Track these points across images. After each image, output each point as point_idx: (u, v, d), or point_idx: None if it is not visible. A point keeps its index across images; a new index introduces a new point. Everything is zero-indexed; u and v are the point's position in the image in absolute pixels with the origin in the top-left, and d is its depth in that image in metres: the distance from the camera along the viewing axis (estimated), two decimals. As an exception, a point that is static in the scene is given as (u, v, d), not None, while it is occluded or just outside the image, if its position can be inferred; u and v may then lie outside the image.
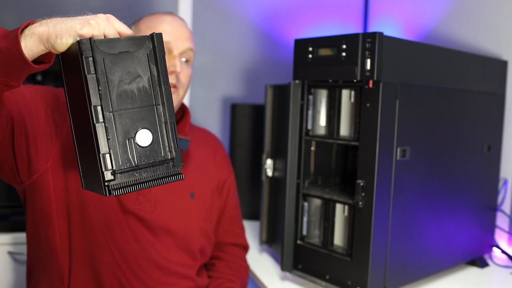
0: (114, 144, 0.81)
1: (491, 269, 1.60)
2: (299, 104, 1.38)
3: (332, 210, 1.34)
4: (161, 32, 1.14)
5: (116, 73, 0.83)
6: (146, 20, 1.35)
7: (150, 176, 0.85)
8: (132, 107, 0.84)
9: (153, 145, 0.85)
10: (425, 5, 2.14)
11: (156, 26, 1.30)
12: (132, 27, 1.34)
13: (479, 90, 1.53)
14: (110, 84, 0.82)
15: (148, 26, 1.31)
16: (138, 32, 1.32)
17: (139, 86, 0.85)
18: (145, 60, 0.87)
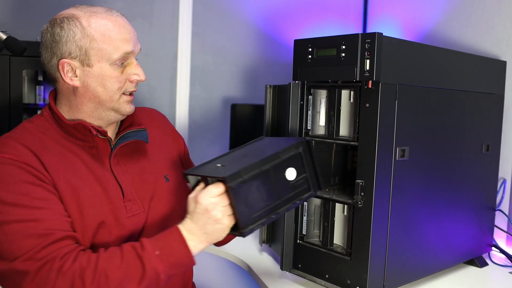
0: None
1: (490, 268, 1.61)
2: (299, 104, 1.38)
3: (331, 209, 1.34)
4: (120, 39, 1.15)
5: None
6: (92, 23, 1.15)
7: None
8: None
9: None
10: (424, 6, 2.15)
11: (114, 33, 1.15)
12: (75, 31, 1.14)
13: (478, 91, 1.53)
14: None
15: (104, 33, 1.14)
16: (92, 41, 1.13)
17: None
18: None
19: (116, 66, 1.16)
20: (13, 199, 1.04)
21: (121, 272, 1.02)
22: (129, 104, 1.22)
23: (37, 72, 2.04)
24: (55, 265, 1.00)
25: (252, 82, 2.56)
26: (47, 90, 2.08)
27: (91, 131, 1.17)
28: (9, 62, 1.89)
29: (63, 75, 1.16)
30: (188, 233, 1.08)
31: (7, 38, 1.32)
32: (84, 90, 1.17)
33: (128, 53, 1.17)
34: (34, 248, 1.01)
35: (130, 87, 1.20)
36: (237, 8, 2.50)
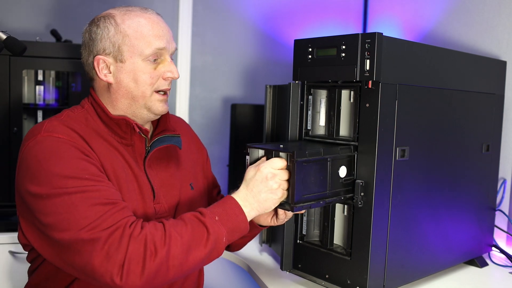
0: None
1: (490, 268, 1.61)
2: (299, 104, 1.38)
3: (331, 209, 1.34)
4: (153, 35, 1.18)
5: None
6: (126, 20, 1.19)
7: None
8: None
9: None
10: (424, 6, 2.15)
11: (147, 29, 1.18)
12: (110, 28, 1.18)
13: (478, 91, 1.53)
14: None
15: (136, 30, 1.18)
16: (125, 37, 1.17)
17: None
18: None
19: (149, 62, 1.19)
20: (71, 172, 1.05)
21: (188, 236, 1.06)
22: (161, 103, 1.23)
23: (37, 72, 2.04)
24: (126, 231, 1.01)
25: (252, 82, 2.56)
26: (47, 90, 2.08)
27: (134, 128, 1.20)
28: (9, 62, 1.89)
29: (98, 71, 1.20)
30: (242, 200, 1.14)
31: (7, 38, 1.32)
32: (117, 86, 1.20)
33: (160, 49, 1.19)
34: (101, 217, 1.02)
35: (162, 85, 1.22)
36: (237, 8, 2.50)
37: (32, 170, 1.06)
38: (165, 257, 1.01)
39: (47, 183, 1.04)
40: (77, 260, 1.01)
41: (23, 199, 1.10)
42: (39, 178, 1.05)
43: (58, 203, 1.02)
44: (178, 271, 1.04)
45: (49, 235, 1.04)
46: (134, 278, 0.99)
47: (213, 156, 2.48)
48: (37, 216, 1.05)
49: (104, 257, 0.99)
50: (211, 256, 1.09)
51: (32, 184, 1.05)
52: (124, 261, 0.99)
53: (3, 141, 1.90)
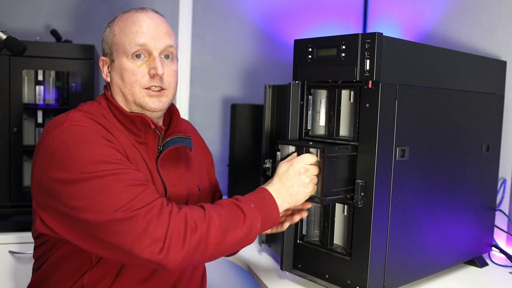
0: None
1: (490, 268, 1.61)
2: (299, 104, 1.38)
3: (331, 209, 1.34)
4: (135, 31, 1.20)
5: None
6: (119, 21, 1.24)
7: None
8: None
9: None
10: (424, 6, 2.15)
11: (130, 27, 1.21)
12: (107, 30, 1.26)
13: (478, 91, 1.53)
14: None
15: (122, 29, 1.22)
16: (113, 36, 1.23)
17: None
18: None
19: (133, 60, 1.21)
20: (101, 157, 1.07)
21: (226, 217, 1.09)
22: (151, 98, 1.22)
23: (37, 72, 2.04)
24: (164, 208, 1.04)
25: (252, 82, 2.56)
26: (47, 90, 2.08)
27: (149, 125, 1.22)
28: (9, 62, 1.89)
29: (102, 71, 1.28)
30: (275, 193, 1.19)
31: (7, 38, 1.32)
32: (112, 85, 1.25)
33: (141, 45, 1.20)
34: (136, 197, 1.04)
35: (148, 82, 1.22)
36: (237, 8, 2.50)
37: (60, 157, 1.07)
38: (204, 234, 1.04)
39: (78, 168, 1.05)
40: (114, 239, 1.02)
41: (45, 187, 1.10)
42: (68, 164, 1.06)
43: (90, 186, 1.03)
44: (215, 250, 1.06)
45: (80, 218, 1.04)
46: (174, 253, 1.01)
47: (213, 156, 2.48)
48: (65, 201, 1.05)
49: (142, 233, 1.00)
50: (245, 241, 1.12)
51: (59, 171, 1.06)
52: (166, 236, 1.01)
53: (3, 141, 1.90)
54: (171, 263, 1.01)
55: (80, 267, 1.16)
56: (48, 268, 1.21)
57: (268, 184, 1.22)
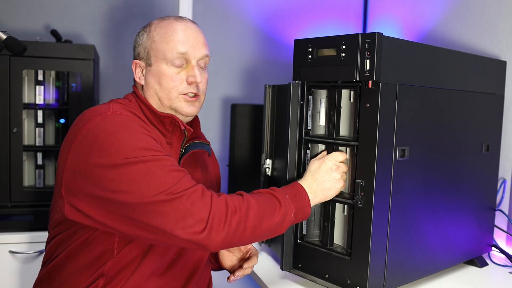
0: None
1: (490, 268, 1.61)
2: (299, 104, 1.38)
3: (331, 209, 1.34)
4: (176, 40, 1.25)
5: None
6: (158, 28, 1.29)
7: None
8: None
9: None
10: (424, 6, 2.15)
11: (171, 35, 1.26)
12: (144, 35, 1.30)
13: (478, 91, 1.53)
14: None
15: (162, 36, 1.27)
16: (152, 42, 1.27)
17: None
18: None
19: (172, 66, 1.26)
20: (144, 144, 1.11)
21: (263, 203, 1.16)
22: (187, 103, 1.28)
23: (37, 72, 2.04)
24: (205, 192, 1.10)
25: (252, 82, 2.56)
26: (47, 90, 2.08)
27: (179, 125, 1.26)
28: (9, 62, 1.89)
29: (135, 74, 1.30)
30: (308, 187, 1.25)
31: (7, 38, 1.32)
32: (147, 87, 1.28)
33: (182, 54, 1.26)
34: (179, 181, 1.08)
35: (186, 88, 1.27)
36: (237, 8, 2.50)
37: (102, 142, 1.10)
38: (244, 217, 1.10)
39: (121, 154, 1.08)
40: (155, 221, 1.05)
41: (81, 173, 1.12)
42: (111, 149, 1.09)
43: (134, 170, 1.07)
44: (252, 234, 1.12)
45: (121, 201, 1.07)
46: (216, 234, 1.06)
47: (213, 156, 2.48)
48: (106, 185, 1.08)
49: (187, 213, 1.05)
50: (278, 228, 1.17)
51: (102, 156, 1.09)
52: (209, 217, 1.06)
53: (3, 141, 1.90)
54: (211, 243, 1.06)
55: (102, 256, 1.18)
56: (65, 256, 1.21)
57: (301, 180, 1.28)
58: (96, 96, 2.04)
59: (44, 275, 1.24)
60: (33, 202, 1.94)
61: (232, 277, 1.36)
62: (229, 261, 1.44)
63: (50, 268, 1.23)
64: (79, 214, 1.14)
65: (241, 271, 1.36)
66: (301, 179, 1.28)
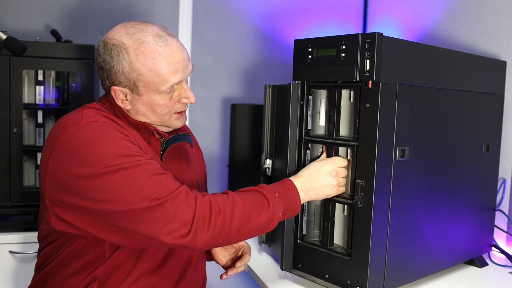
0: None
1: (490, 268, 1.61)
2: (299, 104, 1.38)
3: (331, 209, 1.34)
4: (168, 72, 1.18)
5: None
6: (140, 56, 1.16)
7: None
8: None
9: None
10: (424, 6, 2.15)
11: (159, 67, 1.16)
12: (122, 62, 1.16)
13: (478, 91, 1.53)
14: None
15: (150, 68, 1.16)
16: (140, 75, 1.16)
17: None
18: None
19: (165, 94, 1.21)
20: (123, 151, 1.10)
21: (250, 203, 1.15)
22: (179, 120, 1.29)
23: (37, 72, 2.04)
24: (189, 194, 1.09)
25: (252, 82, 2.56)
26: (47, 90, 2.08)
27: (153, 133, 1.24)
28: (9, 62, 1.89)
29: (115, 98, 1.22)
30: (300, 185, 1.25)
31: (7, 38, 1.32)
32: (134, 113, 1.23)
33: (176, 84, 1.21)
34: (162, 185, 1.08)
35: (179, 108, 1.26)
36: (237, 8, 2.50)
37: (80, 153, 1.08)
38: (228, 217, 1.10)
39: (101, 163, 1.06)
40: (142, 228, 1.06)
41: (62, 184, 1.10)
42: (90, 159, 1.07)
43: (116, 178, 1.06)
44: (237, 234, 1.12)
45: (105, 210, 1.07)
46: (201, 235, 1.07)
47: (213, 156, 2.48)
48: (88, 195, 1.07)
49: (172, 218, 1.05)
50: (266, 227, 1.17)
51: (81, 167, 1.07)
52: (193, 220, 1.06)
53: (3, 141, 1.90)
54: (197, 245, 1.07)
55: (93, 261, 1.18)
56: (58, 264, 1.21)
57: (295, 176, 1.27)
58: (96, 96, 2.04)
59: (38, 281, 1.25)
60: (33, 202, 1.94)
61: (224, 276, 1.36)
62: (222, 256, 1.44)
63: (42, 274, 1.23)
64: (66, 224, 1.13)
65: (234, 269, 1.36)
66: (295, 175, 1.27)
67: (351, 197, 1.27)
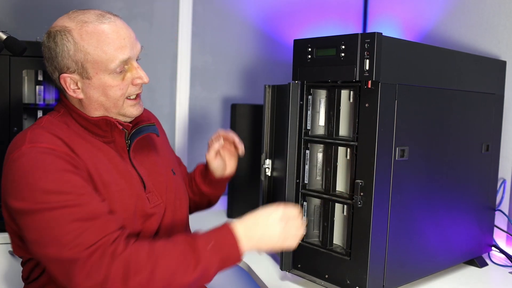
0: None
1: (489, 268, 1.61)
2: (299, 104, 1.38)
3: (331, 209, 1.34)
4: (115, 48, 1.14)
5: None
6: (84, 35, 1.13)
7: None
8: None
9: None
10: (424, 6, 2.15)
11: (104, 43, 1.13)
12: (67, 45, 1.13)
13: (478, 91, 1.53)
14: None
15: (95, 45, 1.13)
16: (86, 54, 1.13)
17: None
18: None
19: (116, 74, 1.17)
20: (55, 186, 1.04)
21: (176, 259, 1.04)
22: (134, 107, 1.23)
23: (37, 72, 2.04)
24: (107, 250, 1.01)
25: (252, 82, 2.56)
26: (47, 90, 2.08)
27: (116, 125, 1.20)
28: (9, 62, 1.89)
29: (66, 88, 1.18)
30: (244, 230, 1.12)
31: (7, 38, 1.32)
32: (88, 101, 1.19)
33: (125, 60, 1.16)
34: (82, 234, 1.01)
35: (133, 91, 1.22)
36: (237, 8, 2.50)
37: (16, 184, 1.05)
38: (148, 278, 1.01)
39: (30, 198, 1.03)
40: (60, 276, 1.02)
41: (10, 212, 1.10)
42: (23, 193, 1.04)
43: (40, 219, 1.02)
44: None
45: (33, 251, 1.05)
46: None
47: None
48: (23, 229, 1.05)
49: (85, 276, 0.99)
50: (200, 282, 1.08)
51: (16, 199, 1.05)
52: (107, 281, 0.99)
53: (3, 141, 1.90)
54: None
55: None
56: (44, 281, 1.20)
57: (240, 221, 1.15)
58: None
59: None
60: (33, 202, 1.94)
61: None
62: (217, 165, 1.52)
63: (31, 287, 1.24)
64: (25, 253, 1.15)
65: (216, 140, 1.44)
66: (240, 220, 1.15)
67: (351, 197, 1.27)
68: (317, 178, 1.41)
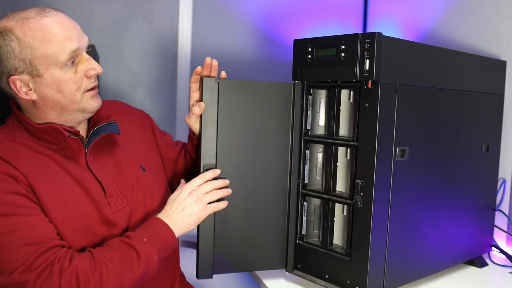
0: None
1: (489, 268, 1.61)
2: (299, 104, 1.38)
3: (331, 210, 1.34)
4: (61, 38, 1.10)
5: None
6: (27, 31, 1.08)
7: None
8: None
9: None
10: (424, 6, 2.15)
11: (50, 35, 1.09)
12: (11, 45, 1.08)
13: (478, 91, 1.53)
14: None
15: (41, 39, 1.08)
16: (33, 50, 1.08)
17: None
18: None
19: (67, 68, 1.12)
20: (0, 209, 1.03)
21: (118, 260, 1.09)
22: (93, 99, 1.19)
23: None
24: (55, 267, 1.03)
25: (252, 82, 2.55)
26: None
27: (62, 133, 1.14)
28: (9, 62, 1.88)
29: (17, 92, 1.12)
30: (167, 219, 1.20)
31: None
32: (43, 101, 1.14)
33: (74, 51, 1.12)
34: (30, 258, 1.02)
35: (89, 84, 1.17)
36: (237, 8, 2.50)
37: None
38: (98, 285, 1.04)
39: None
40: None
41: None
42: None
43: None
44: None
45: None
46: None
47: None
48: None
49: None
50: (146, 275, 1.12)
51: None
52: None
53: (3, 141, 1.90)
54: None
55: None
56: None
57: (160, 213, 1.23)
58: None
59: None
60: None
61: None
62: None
63: None
64: None
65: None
66: (160, 213, 1.23)
67: (351, 197, 1.27)
68: (317, 178, 1.41)
